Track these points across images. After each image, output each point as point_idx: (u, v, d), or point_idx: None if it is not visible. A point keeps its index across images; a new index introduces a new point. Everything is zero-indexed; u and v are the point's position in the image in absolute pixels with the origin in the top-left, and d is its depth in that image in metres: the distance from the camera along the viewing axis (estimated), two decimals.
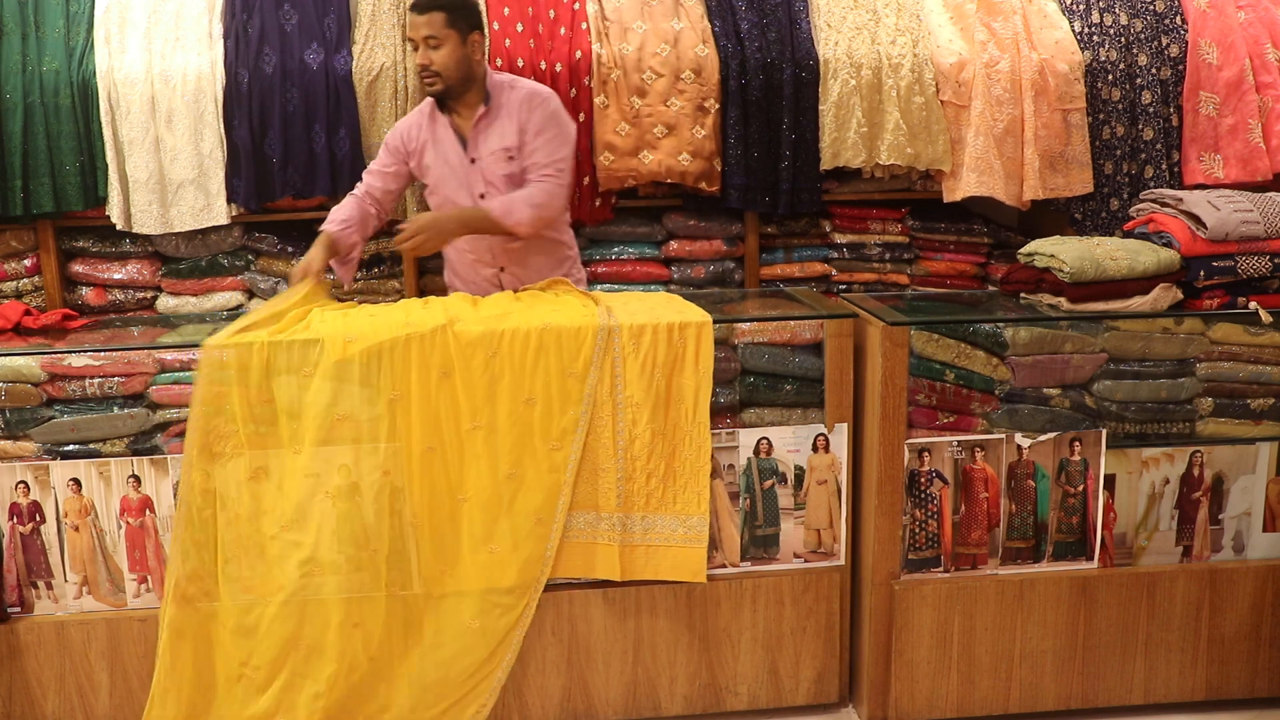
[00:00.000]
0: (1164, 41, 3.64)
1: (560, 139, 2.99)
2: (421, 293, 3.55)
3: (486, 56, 3.20)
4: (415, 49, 2.94)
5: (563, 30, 3.51)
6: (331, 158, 3.35)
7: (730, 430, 2.72)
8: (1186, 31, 3.64)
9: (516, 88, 3.02)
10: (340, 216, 3.03)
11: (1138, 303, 2.79)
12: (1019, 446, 2.76)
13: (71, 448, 2.59)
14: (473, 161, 3.02)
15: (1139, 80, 3.60)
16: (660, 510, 2.67)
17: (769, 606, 2.78)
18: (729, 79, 3.48)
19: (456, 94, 2.98)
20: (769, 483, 2.75)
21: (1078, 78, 3.56)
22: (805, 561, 2.79)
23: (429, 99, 3.03)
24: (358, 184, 3.12)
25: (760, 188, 3.55)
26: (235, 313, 3.39)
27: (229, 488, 2.51)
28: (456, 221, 2.92)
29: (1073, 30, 3.63)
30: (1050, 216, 3.73)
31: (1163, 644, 2.84)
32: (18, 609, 2.63)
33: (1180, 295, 2.84)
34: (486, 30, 3.46)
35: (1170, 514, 2.83)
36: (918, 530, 2.76)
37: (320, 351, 2.51)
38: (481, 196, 3.02)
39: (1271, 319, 2.79)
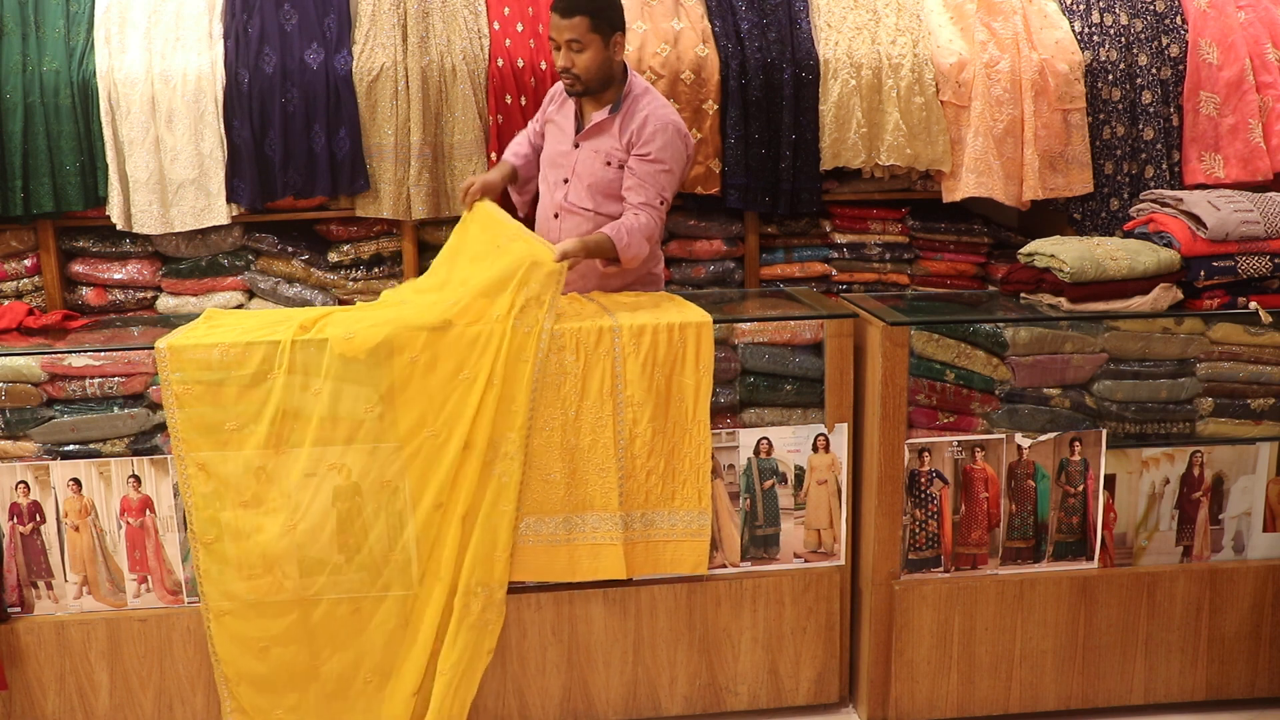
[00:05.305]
0: (1164, 41, 3.63)
1: (670, 174, 2.94)
2: None
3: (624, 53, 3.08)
4: (556, 49, 2.89)
5: None
6: (331, 158, 3.35)
7: (730, 430, 2.72)
8: (1186, 31, 3.64)
9: (643, 104, 2.96)
10: (520, 150, 3.21)
11: (1138, 303, 2.79)
12: (1019, 446, 2.76)
13: (71, 448, 2.59)
14: (575, 146, 3.02)
15: (1139, 80, 3.60)
16: (661, 506, 2.67)
17: (769, 606, 2.78)
18: (729, 79, 3.48)
19: (594, 94, 2.96)
20: (769, 483, 2.75)
21: (1078, 78, 3.56)
22: (805, 561, 2.79)
23: None
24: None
25: (760, 188, 3.54)
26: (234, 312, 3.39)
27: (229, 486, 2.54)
28: (584, 247, 2.79)
29: (1073, 30, 3.62)
30: (1050, 216, 3.73)
31: (1163, 644, 2.84)
32: (18, 609, 2.63)
33: (1180, 295, 2.84)
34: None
35: (1170, 514, 2.83)
36: (918, 530, 2.76)
37: (325, 351, 2.52)
38: (565, 181, 3.03)
39: (1271, 319, 2.79)
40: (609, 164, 2.97)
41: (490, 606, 2.63)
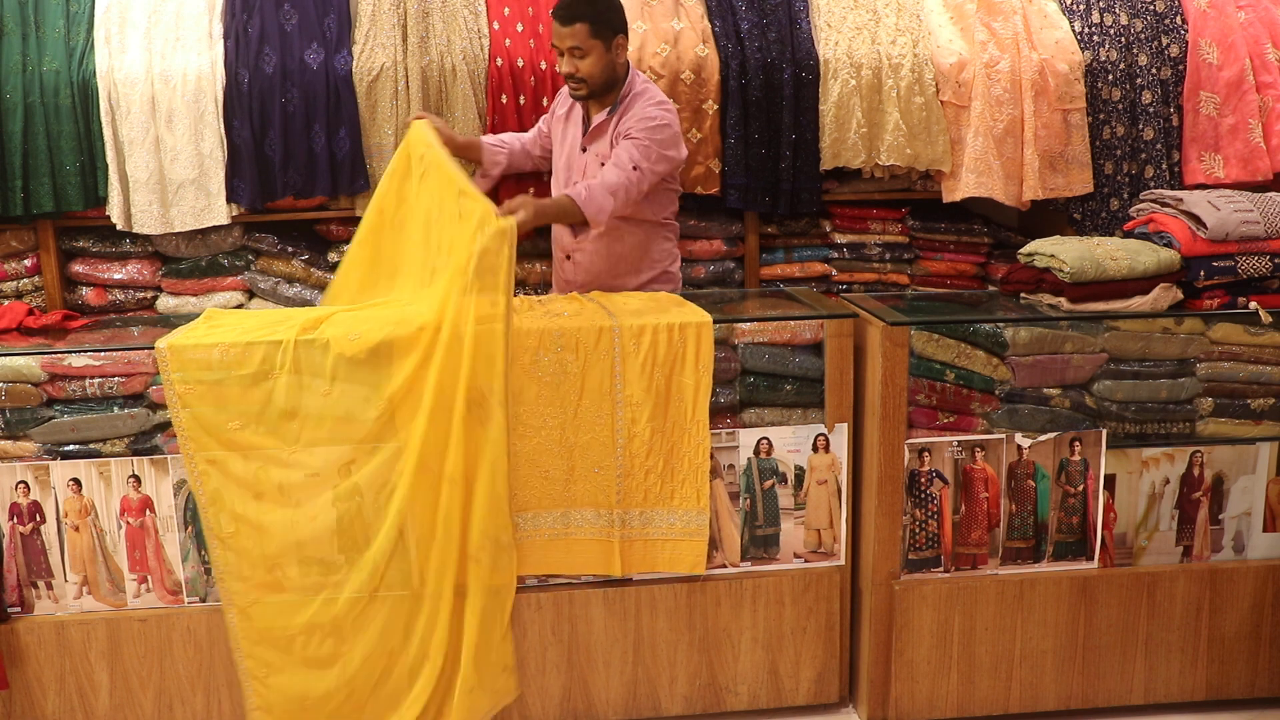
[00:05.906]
0: (1164, 41, 3.63)
1: (641, 145, 2.93)
2: None
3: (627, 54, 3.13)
4: (560, 55, 2.95)
5: None
6: (331, 158, 3.35)
7: (730, 430, 2.72)
8: (1186, 31, 3.64)
9: (637, 104, 3.00)
10: (500, 136, 3.29)
11: (1138, 303, 2.79)
12: (1019, 446, 2.76)
13: (71, 448, 2.59)
14: (583, 150, 3.08)
15: (1139, 80, 3.60)
16: (659, 505, 2.67)
17: (769, 606, 2.78)
18: (729, 79, 3.48)
19: (599, 97, 3.01)
20: (769, 483, 2.75)
21: (1078, 78, 3.56)
22: (805, 561, 2.79)
23: None
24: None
25: (760, 188, 3.54)
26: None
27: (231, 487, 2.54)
28: (537, 208, 2.81)
29: (1073, 30, 3.62)
30: (1050, 216, 3.73)
31: (1163, 644, 2.84)
32: (18, 609, 2.63)
33: (1180, 295, 2.84)
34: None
35: (1170, 514, 2.83)
36: (918, 530, 2.76)
37: (326, 351, 2.52)
38: (575, 184, 3.06)
39: (1271, 319, 2.79)
40: (603, 165, 2.98)
41: (501, 552, 2.55)
